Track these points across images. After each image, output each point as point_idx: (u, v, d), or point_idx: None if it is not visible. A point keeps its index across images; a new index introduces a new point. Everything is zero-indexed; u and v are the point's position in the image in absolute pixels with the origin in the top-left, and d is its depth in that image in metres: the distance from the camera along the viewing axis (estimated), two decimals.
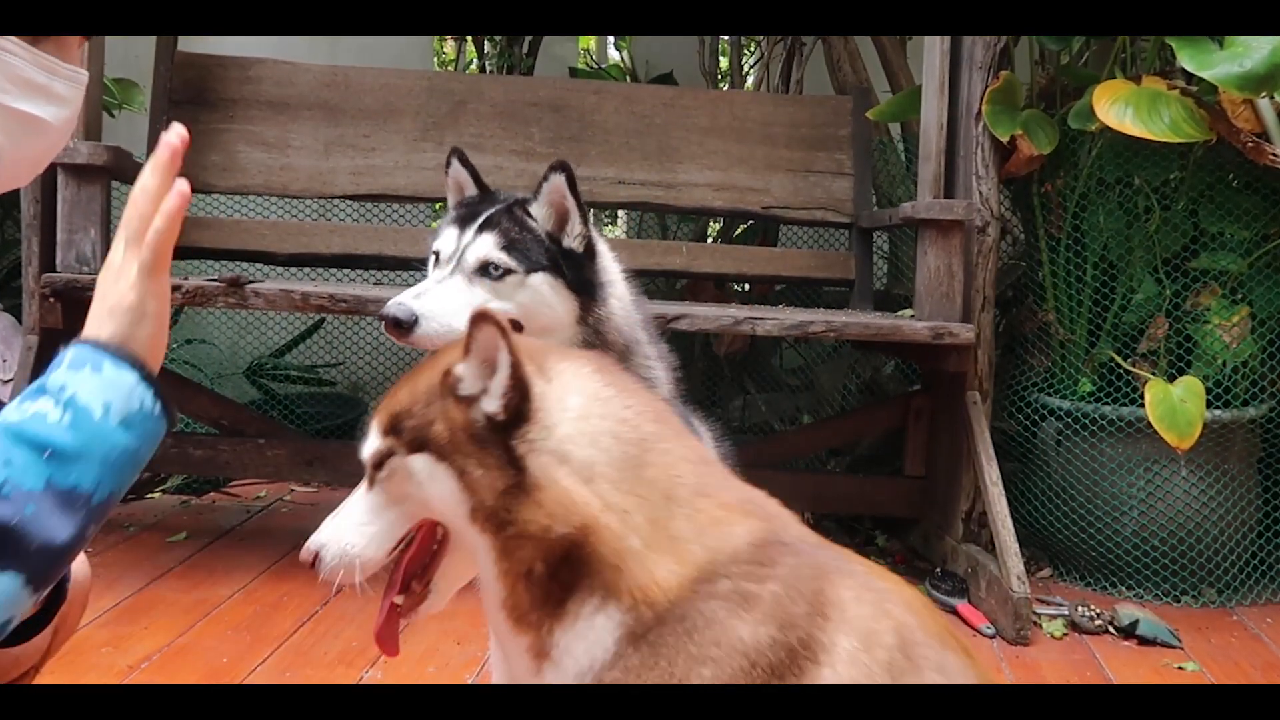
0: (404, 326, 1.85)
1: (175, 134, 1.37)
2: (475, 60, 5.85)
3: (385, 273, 4.46)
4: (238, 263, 4.16)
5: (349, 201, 4.51)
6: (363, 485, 1.42)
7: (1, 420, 1.21)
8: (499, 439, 1.30)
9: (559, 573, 1.28)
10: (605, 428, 1.33)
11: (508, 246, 1.94)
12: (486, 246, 1.94)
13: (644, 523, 1.29)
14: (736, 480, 1.41)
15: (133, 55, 4.48)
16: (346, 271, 4.69)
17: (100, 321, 1.30)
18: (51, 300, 3.47)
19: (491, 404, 1.31)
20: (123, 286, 1.31)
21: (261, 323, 5.20)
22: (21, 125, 1.39)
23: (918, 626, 1.30)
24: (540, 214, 1.99)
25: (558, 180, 1.97)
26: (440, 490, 1.33)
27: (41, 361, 3.55)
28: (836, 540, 1.42)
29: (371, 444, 1.39)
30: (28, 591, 1.18)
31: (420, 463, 1.34)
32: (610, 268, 2.06)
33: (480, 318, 1.31)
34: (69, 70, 1.42)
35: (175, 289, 3.46)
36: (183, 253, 4.28)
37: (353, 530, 1.40)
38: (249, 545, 3.82)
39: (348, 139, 4.30)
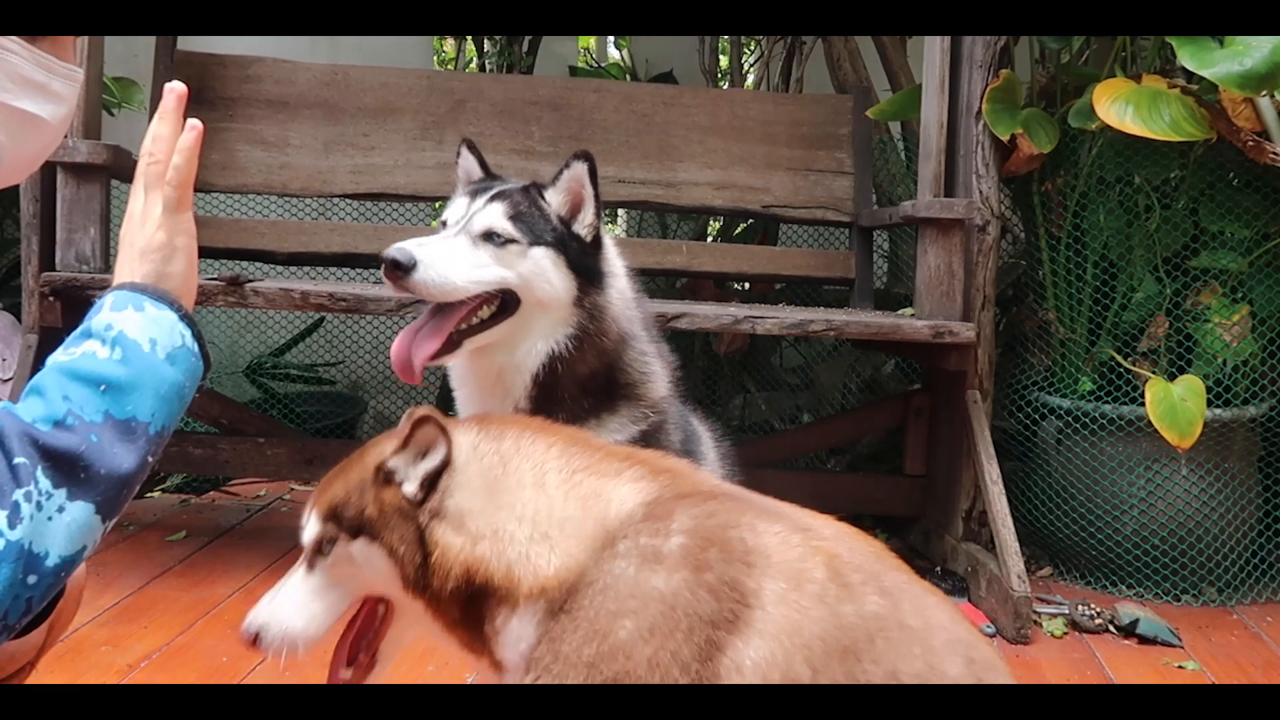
0: (402, 269, 1.86)
1: (177, 85, 1.45)
2: (475, 59, 5.85)
3: None
4: (237, 261, 4.16)
5: (348, 200, 4.51)
6: (300, 567, 1.51)
7: (52, 362, 1.26)
8: (412, 518, 1.42)
9: (471, 609, 1.41)
10: (476, 471, 1.44)
11: (515, 217, 1.96)
12: (494, 215, 1.96)
13: (518, 528, 1.40)
14: (629, 450, 1.51)
15: (132, 54, 4.48)
16: (346, 270, 4.69)
17: (132, 265, 1.35)
18: (51, 299, 3.47)
19: (410, 486, 1.43)
20: (149, 228, 1.35)
21: (261, 321, 5.20)
22: (21, 123, 1.39)
23: (850, 553, 1.35)
24: (555, 200, 2.02)
25: (580, 169, 2.01)
26: (378, 567, 1.44)
27: (41, 360, 3.54)
28: None
29: (311, 530, 1.49)
30: (98, 520, 1.23)
31: (359, 546, 1.44)
32: (614, 261, 2.08)
33: (423, 420, 1.41)
34: (66, 68, 1.43)
35: None
36: None
37: (293, 612, 1.49)
38: (249, 544, 3.82)
39: (347, 138, 4.29)
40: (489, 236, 1.95)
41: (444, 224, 2.04)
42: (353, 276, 4.74)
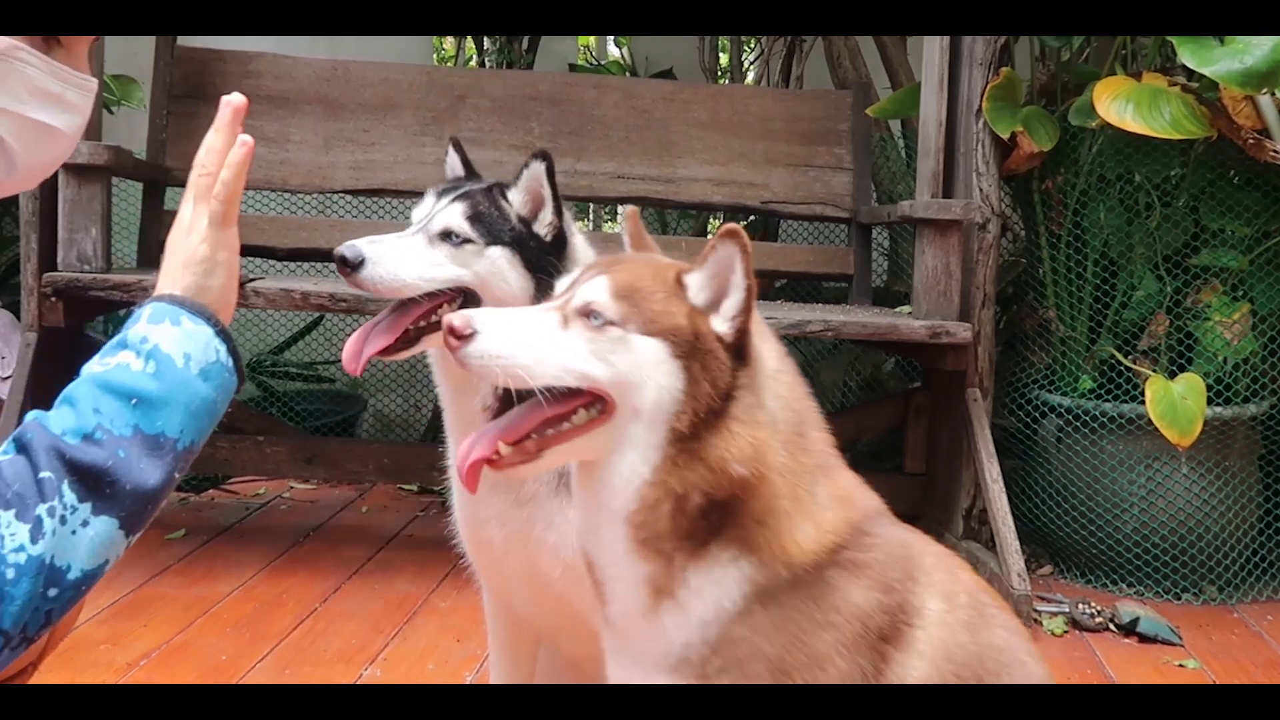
0: (349, 265, 1.88)
1: (236, 97, 1.45)
2: (475, 55, 5.84)
3: None
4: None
5: (349, 196, 4.50)
6: (553, 313, 1.35)
7: (86, 372, 1.26)
8: (729, 365, 1.32)
9: (710, 512, 1.29)
10: (784, 390, 1.38)
11: (473, 218, 1.96)
12: (453, 214, 1.96)
13: (798, 485, 1.33)
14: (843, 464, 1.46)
15: (131, 51, 4.46)
16: None
17: (174, 275, 1.35)
18: (53, 299, 3.46)
19: (722, 325, 1.34)
20: (194, 240, 1.36)
21: (261, 319, 5.19)
22: (36, 133, 1.41)
23: (978, 586, 1.41)
24: (517, 199, 2.01)
25: (538, 168, 1.99)
26: (665, 382, 1.29)
27: (41, 359, 3.55)
28: None
29: (596, 291, 1.33)
30: (122, 535, 1.25)
31: (653, 348, 1.30)
32: (585, 256, 2.03)
33: (729, 233, 1.32)
34: (80, 78, 1.44)
35: None
36: None
37: (527, 343, 1.31)
38: (248, 542, 3.82)
39: (347, 133, 4.29)
40: (446, 236, 1.95)
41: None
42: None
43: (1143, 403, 3.53)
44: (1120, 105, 3.46)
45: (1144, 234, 3.75)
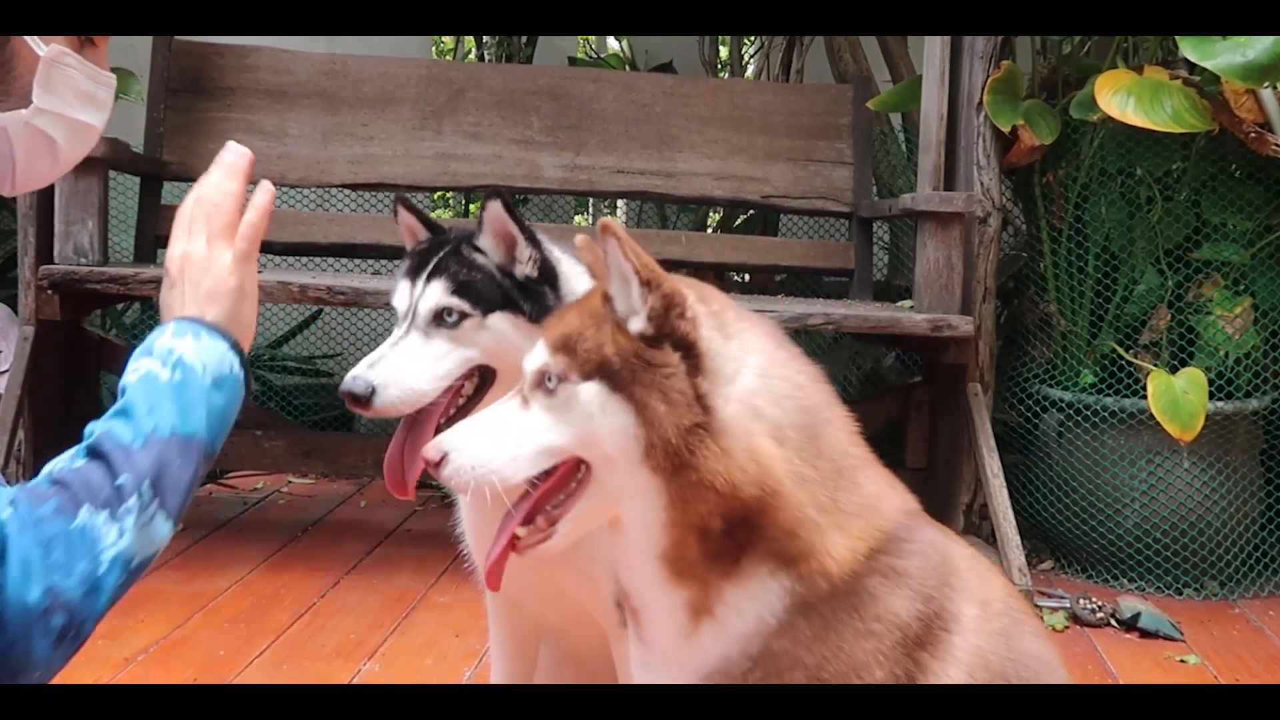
0: (363, 400, 1.80)
1: (244, 150, 1.54)
2: (474, 49, 5.83)
3: (383, 262, 4.44)
4: None
5: (347, 191, 4.49)
6: (513, 400, 1.35)
7: (126, 383, 1.36)
8: (684, 374, 1.26)
9: (735, 531, 1.26)
10: (785, 390, 1.32)
11: (458, 290, 1.85)
12: (437, 294, 1.85)
13: (820, 493, 1.29)
14: (872, 456, 1.42)
15: (128, 44, 4.43)
16: (344, 261, 4.67)
17: (200, 305, 1.44)
18: (49, 292, 3.45)
19: (637, 323, 1.28)
20: (221, 273, 1.45)
21: (258, 313, 5.17)
22: (79, 133, 1.51)
23: (1009, 591, 1.39)
24: (489, 246, 1.89)
25: (495, 208, 1.87)
26: (613, 423, 1.26)
27: (38, 353, 3.54)
28: None
29: (537, 358, 1.33)
30: (171, 525, 1.35)
31: (592, 391, 1.28)
32: (578, 285, 1.90)
33: (601, 228, 1.29)
34: (107, 77, 1.52)
35: None
36: None
37: (495, 445, 1.31)
38: (246, 537, 3.81)
39: (346, 127, 4.27)
40: (439, 320, 1.84)
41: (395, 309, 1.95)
42: (351, 267, 4.72)
43: (1144, 397, 3.52)
44: (1122, 99, 3.45)
45: (1145, 228, 3.74)
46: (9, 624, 1.17)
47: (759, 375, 1.30)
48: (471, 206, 5.40)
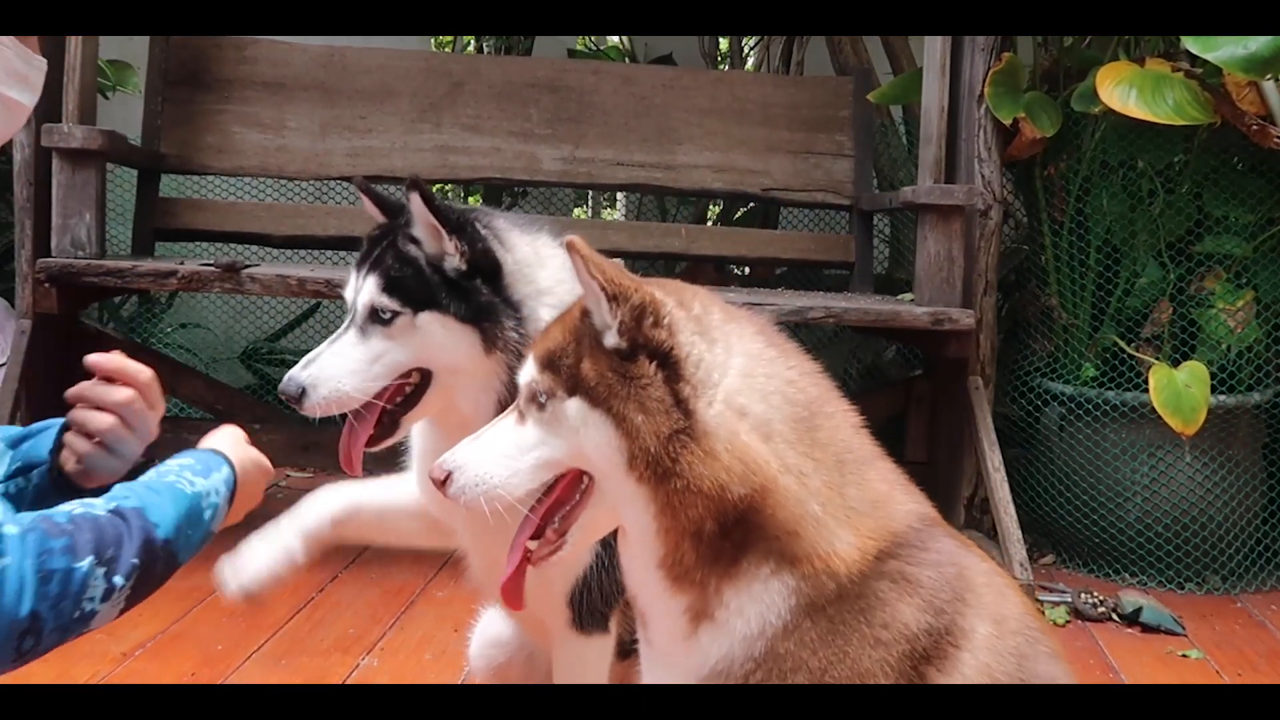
0: (294, 399, 1.82)
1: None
2: (473, 41, 5.81)
3: None
4: (233, 245, 4.13)
5: (345, 183, 4.47)
6: (510, 416, 1.36)
7: (164, 477, 1.54)
8: (662, 382, 1.26)
9: (732, 532, 1.26)
10: (774, 386, 1.31)
11: (389, 287, 1.81)
12: (371, 290, 1.82)
13: (821, 488, 1.27)
14: (881, 452, 1.40)
15: (126, 36, 4.43)
16: (342, 253, 4.65)
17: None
18: (47, 285, 3.43)
19: (610, 338, 1.28)
20: (249, 454, 1.77)
21: (257, 307, 5.17)
22: (8, 110, 1.52)
23: (1026, 609, 1.36)
24: (422, 236, 1.83)
25: (414, 200, 1.80)
26: (595, 437, 1.28)
27: (35, 346, 3.52)
28: None
29: (528, 372, 1.34)
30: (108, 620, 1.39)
31: (575, 406, 1.29)
32: (540, 274, 1.85)
33: (566, 246, 1.28)
34: (38, 60, 1.55)
35: (170, 274, 3.44)
36: (178, 235, 4.25)
37: (496, 461, 1.33)
38: (243, 531, 3.78)
39: (344, 120, 4.26)
40: (374, 316, 1.81)
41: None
42: (349, 260, 4.68)
43: (1146, 391, 3.50)
44: (1123, 91, 3.44)
45: (1147, 221, 3.73)
46: None
47: (743, 374, 1.29)
48: (471, 199, 5.39)
